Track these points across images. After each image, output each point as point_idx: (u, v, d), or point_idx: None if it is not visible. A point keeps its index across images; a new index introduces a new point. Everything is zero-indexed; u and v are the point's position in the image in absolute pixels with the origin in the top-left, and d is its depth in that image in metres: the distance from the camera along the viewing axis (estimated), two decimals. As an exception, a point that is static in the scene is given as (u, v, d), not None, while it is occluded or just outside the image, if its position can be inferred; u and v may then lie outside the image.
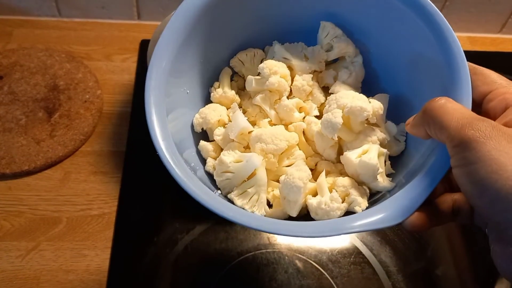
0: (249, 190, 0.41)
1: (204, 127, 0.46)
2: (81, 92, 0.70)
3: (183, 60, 0.43)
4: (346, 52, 0.47)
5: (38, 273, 0.55)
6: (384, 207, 0.36)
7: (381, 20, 0.45)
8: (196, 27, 0.43)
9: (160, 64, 0.41)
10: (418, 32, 0.42)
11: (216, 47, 0.46)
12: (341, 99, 0.41)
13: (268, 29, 0.48)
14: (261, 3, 0.46)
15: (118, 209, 0.60)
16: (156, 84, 0.40)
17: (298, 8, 0.46)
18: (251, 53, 0.48)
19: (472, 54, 0.87)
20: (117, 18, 0.83)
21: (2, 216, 0.58)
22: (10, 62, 0.73)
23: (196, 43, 0.44)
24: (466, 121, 0.32)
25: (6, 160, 0.62)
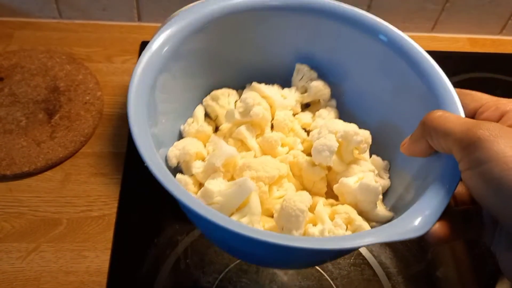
0: (242, 220, 0.37)
1: (181, 160, 0.42)
2: (81, 94, 0.70)
3: (157, 93, 0.40)
4: (321, 95, 0.46)
5: (38, 274, 0.55)
6: (403, 219, 0.34)
7: (355, 57, 0.44)
8: (171, 63, 0.40)
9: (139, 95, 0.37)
10: (396, 66, 0.41)
11: (189, 85, 0.44)
12: (332, 125, 0.40)
13: (242, 71, 0.46)
14: (236, 45, 0.45)
15: (118, 211, 0.60)
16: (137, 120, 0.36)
17: (273, 51, 0.45)
18: (225, 92, 0.46)
19: (472, 55, 0.87)
20: (117, 19, 0.83)
21: (2, 218, 0.58)
22: (10, 64, 0.73)
23: (171, 77, 0.41)
24: (471, 123, 0.32)
25: (7, 162, 0.62)
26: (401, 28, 0.91)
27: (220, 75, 0.45)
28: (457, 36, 0.90)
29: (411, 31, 0.88)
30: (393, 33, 0.41)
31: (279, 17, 0.44)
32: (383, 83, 0.43)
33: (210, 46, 0.43)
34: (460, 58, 0.86)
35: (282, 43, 0.45)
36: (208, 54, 0.43)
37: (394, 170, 0.44)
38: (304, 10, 0.43)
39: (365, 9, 0.83)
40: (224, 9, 0.42)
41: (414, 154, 0.37)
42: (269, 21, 0.44)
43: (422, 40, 0.87)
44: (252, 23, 0.43)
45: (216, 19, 0.42)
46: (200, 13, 0.41)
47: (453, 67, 0.83)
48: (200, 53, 0.43)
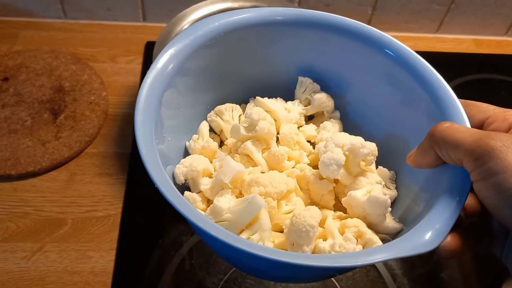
0: (253, 237, 0.36)
1: (188, 177, 0.42)
2: (86, 94, 0.70)
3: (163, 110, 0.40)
4: (325, 107, 0.46)
5: (43, 274, 0.55)
6: (414, 233, 0.33)
7: (359, 69, 0.44)
8: (176, 79, 0.40)
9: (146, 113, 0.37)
10: (401, 79, 0.41)
11: (193, 100, 0.44)
12: (338, 138, 0.40)
13: (245, 84, 0.46)
14: (239, 60, 0.44)
15: (123, 211, 0.60)
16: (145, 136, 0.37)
17: (276, 64, 0.45)
18: (229, 107, 0.45)
19: (477, 56, 0.87)
20: (122, 20, 0.83)
21: (7, 217, 0.58)
22: (16, 64, 0.73)
23: (176, 93, 0.41)
24: (482, 133, 0.31)
25: (12, 162, 0.62)
26: (406, 29, 0.92)
27: (223, 89, 0.45)
28: (462, 37, 0.90)
29: (416, 32, 0.88)
30: (399, 47, 0.41)
31: (282, 31, 0.44)
32: (388, 95, 0.43)
33: (214, 62, 0.43)
34: (465, 59, 0.86)
35: (285, 56, 0.45)
36: (212, 69, 0.43)
37: (401, 181, 0.44)
38: (307, 25, 0.43)
39: (370, 10, 0.83)
40: (227, 25, 0.42)
41: (421, 166, 0.37)
42: (272, 36, 0.44)
43: (427, 41, 0.88)
44: (255, 38, 0.43)
45: (220, 35, 0.41)
46: (205, 30, 0.41)
47: (458, 68, 0.83)
48: (205, 69, 0.43)
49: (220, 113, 0.44)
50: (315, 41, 0.44)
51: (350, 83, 0.45)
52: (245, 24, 0.42)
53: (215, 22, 0.42)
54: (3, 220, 0.58)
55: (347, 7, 0.83)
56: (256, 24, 0.42)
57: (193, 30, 0.41)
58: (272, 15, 0.42)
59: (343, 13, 0.84)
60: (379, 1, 0.82)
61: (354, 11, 0.84)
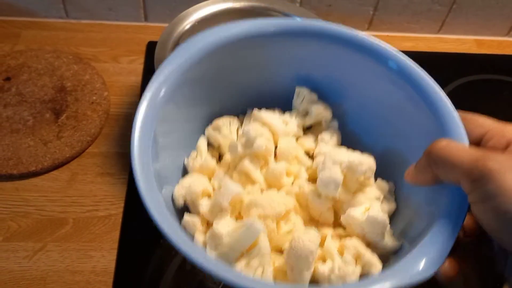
0: (252, 263, 0.36)
1: (187, 198, 0.41)
2: (88, 94, 0.70)
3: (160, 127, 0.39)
4: (323, 117, 0.45)
5: (44, 274, 0.55)
6: (411, 260, 0.33)
7: (358, 79, 0.43)
8: (173, 94, 0.40)
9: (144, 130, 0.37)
10: (402, 92, 0.40)
11: (190, 115, 0.44)
12: (336, 155, 0.39)
13: (242, 96, 0.45)
14: (235, 72, 0.44)
15: (124, 211, 0.60)
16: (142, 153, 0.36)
17: (272, 75, 0.45)
18: (226, 120, 0.45)
19: (479, 57, 0.87)
20: (124, 20, 0.83)
21: (9, 217, 0.59)
22: (17, 64, 0.73)
23: (173, 108, 0.41)
24: (480, 155, 0.31)
25: (14, 161, 0.62)
26: (408, 29, 0.91)
27: (221, 102, 0.44)
28: (464, 37, 0.90)
29: (417, 32, 0.88)
30: (399, 58, 0.41)
31: (277, 42, 0.43)
32: (387, 107, 0.43)
33: (210, 75, 0.43)
34: (466, 59, 0.86)
35: (281, 66, 0.44)
36: (208, 83, 0.43)
37: (400, 193, 0.43)
38: (301, 34, 0.43)
39: (372, 10, 0.83)
40: (222, 39, 0.41)
41: (419, 184, 0.36)
42: (267, 47, 0.43)
43: (428, 41, 0.88)
44: (250, 50, 0.43)
45: (215, 49, 0.41)
46: (201, 44, 0.41)
47: (460, 69, 0.83)
48: (201, 83, 0.42)
49: (217, 128, 0.44)
50: (311, 51, 0.43)
51: (348, 93, 0.45)
52: (238, 37, 0.41)
53: (209, 37, 0.41)
54: (5, 220, 0.58)
55: (349, 8, 0.83)
56: (250, 36, 0.42)
57: (187, 47, 0.40)
58: (265, 26, 0.42)
59: (345, 13, 0.84)
60: (380, 2, 0.82)
61: (356, 11, 0.84)
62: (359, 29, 0.87)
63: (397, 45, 0.87)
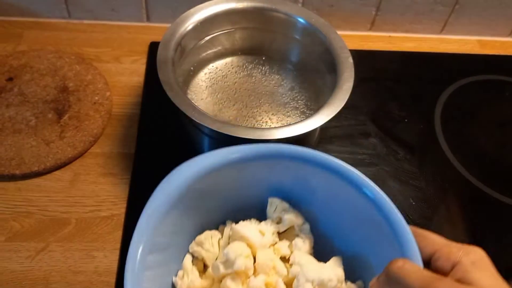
0: None
1: None
2: (90, 94, 0.70)
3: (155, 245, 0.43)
4: (295, 223, 0.49)
5: (47, 274, 0.55)
6: None
7: (322, 190, 0.47)
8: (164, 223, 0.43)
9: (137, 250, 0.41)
10: (358, 201, 0.44)
11: (175, 241, 0.47)
12: (308, 272, 0.43)
13: (222, 210, 0.49)
14: (219, 191, 0.48)
15: (127, 211, 0.60)
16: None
17: (248, 189, 0.49)
18: (208, 235, 0.48)
19: (481, 57, 0.87)
20: (126, 20, 0.83)
21: (12, 217, 0.59)
22: (20, 64, 0.73)
23: (161, 234, 0.44)
24: (428, 280, 0.34)
25: (16, 161, 0.62)
26: (410, 30, 0.92)
27: (202, 219, 0.48)
28: (467, 38, 0.90)
29: (420, 33, 0.88)
30: (363, 181, 0.44)
31: (255, 164, 0.47)
32: (354, 218, 0.46)
33: (195, 200, 0.46)
34: (469, 60, 0.86)
35: (257, 182, 0.48)
36: (192, 207, 0.46)
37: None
38: (262, 157, 0.46)
39: (374, 11, 0.83)
40: (207, 167, 0.45)
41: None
42: (246, 169, 0.47)
43: (431, 42, 0.88)
44: (230, 174, 0.46)
45: (202, 176, 0.44)
46: (187, 174, 0.44)
47: (462, 69, 0.83)
48: (186, 208, 0.46)
49: (200, 243, 0.47)
50: (277, 169, 0.47)
51: (319, 202, 0.48)
52: (221, 164, 0.45)
53: (195, 167, 0.45)
54: (8, 220, 0.58)
55: (351, 8, 0.83)
56: (230, 163, 0.45)
57: (165, 188, 0.44)
58: (229, 155, 0.45)
59: (347, 13, 0.84)
60: (383, 2, 0.82)
61: (358, 11, 0.84)
62: (361, 29, 0.88)
63: (399, 45, 0.88)
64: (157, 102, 0.71)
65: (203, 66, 0.70)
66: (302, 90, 0.69)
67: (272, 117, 0.65)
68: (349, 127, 0.73)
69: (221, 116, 0.65)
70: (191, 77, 0.68)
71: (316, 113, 0.57)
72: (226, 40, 0.71)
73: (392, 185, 0.66)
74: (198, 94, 0.67)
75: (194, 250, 0.47)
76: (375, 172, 0.68)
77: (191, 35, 0.65)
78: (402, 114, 0.75)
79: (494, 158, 0.72)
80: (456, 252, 0.37)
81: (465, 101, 0.79)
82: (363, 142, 0.71)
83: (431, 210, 0.64)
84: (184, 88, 0.66)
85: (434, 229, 0.61)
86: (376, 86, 0.79)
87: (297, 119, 0.65)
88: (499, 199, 0.66)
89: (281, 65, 0.71)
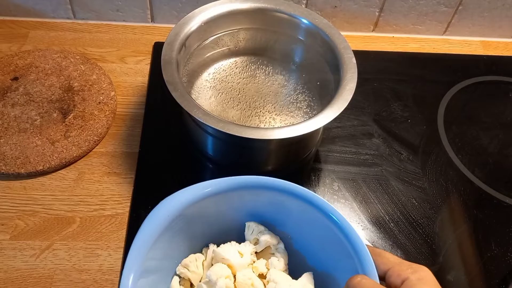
0: None
1: None
2: (95, 94, 0.71)
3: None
4: (270, 243, 0.52)
5: (51, 272, 0.55)
6: None
7: (298, 217, 0.50)
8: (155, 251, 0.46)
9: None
10: (324, 223, 0.47)
11: (163, 265, 0.49)
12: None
13: (205, 234, 0.53)
14: (202, 218, 0.50)
15: (131, 210, 0.61)
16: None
17: (226, 216, 0.52)
18: (193, 258, 0.51)
19: (485, 58, 0.87)
20: (131, 20, 0.84)
21: (16, 215, 0.59)
22: (25, 64, 0.74)
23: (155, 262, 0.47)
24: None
25: (21, 160, 0.62)
26: (413, 31, 0.92)
27: (186, 244, 0.51)
28: (470, 39, 0.90)
29: (423, 34, 0.88)
30: (338, 215, 0.47)
31: (235, 195, 0.50)
32: (320, 238, 0.49)
33: (180, 228, 0.49)
34: (472, 61, 0.86)
35: (236, 209, 0.52)
36: (177, 237, 0.49)
37: None
38: (233, 188, 0.49)
39: (377, 11, 0.83)
40: (187, 201, 0.48)
41: None
42: (227, 198, 0.50)
43: (434, 43, 0.88)
44: (213, 203, 0.50)
45: (180, 212, 0.47)
46: (167, 211, 0.47)
47: (466, 70, 0.83)
48: (173, 237, 0.49)
49: (186, 266, 0.50)
50: (248, 197, 0.51)
51: (290, 224, 0.52)
52: (205, 195, 0.48)
53: (169, 206, 0.47)
54: (12, 218, 0.59)
55: (354, 9, 0.83)
56: (212, 194, 0.49)
57: (153, 219, 0.47)
58: (204, 189, 0.48)
59: (350, 14, 0.84)
60: (386, 3, 0.82)
61: (361, 12, 0.84)
62: (364, 30, 0.88)
63: (402, 46, 0.88)
64: (161, 102, 0.72)
65: (207, 66, 0.70)
66: (306, 91, 0.69)
67: (275, 117, 0.66)
68: (352, 127, 0.73)
69: (224, 116, 0.65)
70: (195, 77, 0.69)
71: (319, 113, 0.57)
72: (230, 41, 0.71)
73: (395, 185, 0.67)
74: (202, 94, 0.67)
75: (181, 272, 0.50)
76: (378, 172, 0.68)
77: (196, 35, 0.65)
78: (405, 115, 0.75)
79: (497, 159, 0.72)
80: (406, 270, 0.41)
81: (468, 102, 0.79)
82: (366, 143, 0.71)
83: (434, 210, 0.64)
84: (188, 88, 0.66)
85: (437, 230, 0.62)
86: (379, 87, 0.79)
87: (301, 119, 0.65)
88: (502, 200, 0.67)
89: (284, 65, 0.72)
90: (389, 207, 0.64)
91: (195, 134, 0.66)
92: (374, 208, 0.64)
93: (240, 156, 0.66)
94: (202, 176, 0.67)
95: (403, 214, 0.64)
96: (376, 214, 0.63)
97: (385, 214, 0.64)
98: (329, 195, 0.65)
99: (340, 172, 0.68)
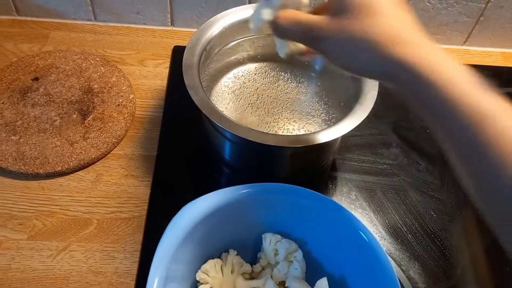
0: None
1: None
2: (114, 96, 0.71)
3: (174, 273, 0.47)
4: (289, 251, 0.53)
5: (68, 273, 0.55)
6: None
7: (310, 222, 0.52)
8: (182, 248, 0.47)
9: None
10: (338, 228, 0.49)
11: (187, 271, 0.50)
12: None
13: (222, 242, 0.54)
14: (222, 225, 0.51)
15: (148, 213, 0.61)
16: None
17: (243, 225, 0.53)
18: (212, 264, 0.52)
19: (505, 70, 0.86)
20: (151, 24, 0.84)
21: (34, 216, 0.59)
22: (46, 64, 0.74)
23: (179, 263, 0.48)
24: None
25: (40, 161, 0.63)
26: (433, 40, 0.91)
27: (206, 251, 0.52)
28: (490, 50, 0.89)
29: (443, 44, 0.88)
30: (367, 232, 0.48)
31: (251, 202, 0.51)
32: (337, 245, 0.51)
33: (202, 235, 0.50)
34: (493, 72, 0.85)
35: (252, 217, 0.53)
36: (197, 244, 0.50)
37: None
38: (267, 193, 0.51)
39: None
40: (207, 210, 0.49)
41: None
42: (241, 207, 0.51)
43: (454, 53, 0.87)
44: (227, 214, 0.50)
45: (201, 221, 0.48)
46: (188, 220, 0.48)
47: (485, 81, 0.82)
48: (194, 243, 0.50)
49: (206, 271, 0.51)
50: (267, 204, 0.52)
51: (306, 231, 0.53)
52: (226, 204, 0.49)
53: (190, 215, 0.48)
54: (30, 218, 0.59)
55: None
56: (218, 206, 0.49)
57: (174, 227, 0.48)
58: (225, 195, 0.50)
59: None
60: (407, 12, 0.82)
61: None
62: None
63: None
64: (179, 105, 0.72)
65: (226, 71, 0.70)
66: (324, 98, 0.69)
67: (294, 124, 0.65)
68: (370, 136, 0.73)
69: (243, 121, 0.65)
70: (214, 82, 0.69)
71: (340, 122, 0.57)
72: (250, 46, 0.71)
73: (413, 196, 0.66)
74: (221, 99, 0.67)
75: (201, 277, 0.51)
76: (396, 182, 0.67)
77: (217, 40, 0.66)
78: (424, 125, 0.75)
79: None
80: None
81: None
82: (384, 152, 0.71)
83: (452, 222, 0.64)
84: (207, 93, 0.66)
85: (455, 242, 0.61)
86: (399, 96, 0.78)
87: (319, 127, 0.65)
88: (521, 214, 0.66)
89: (304, 72, 0.71)
90: (407, 218, 0.64)
91: (213, 138, 0.66)
92: (392, 218, 0.64)
93: (257, 162, 0.66)
94: (219, 180, 0.67)
95: (420, 225, 0.63)
96: (394, 225, 0.63)
97: (403, 225, 0.63)
98: (347, 204, 0.64)
99: (358, 181, 0.67)
